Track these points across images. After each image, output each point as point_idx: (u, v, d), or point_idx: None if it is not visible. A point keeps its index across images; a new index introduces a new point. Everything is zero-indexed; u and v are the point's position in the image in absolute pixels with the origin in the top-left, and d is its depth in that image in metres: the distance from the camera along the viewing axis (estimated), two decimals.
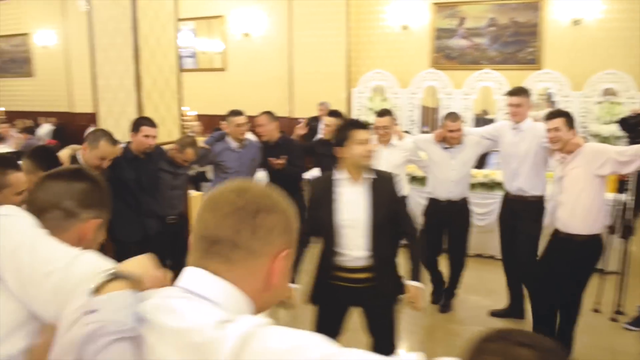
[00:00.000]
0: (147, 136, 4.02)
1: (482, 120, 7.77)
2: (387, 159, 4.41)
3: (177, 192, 4.48)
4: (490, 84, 7.95)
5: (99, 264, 1.18)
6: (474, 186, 5.74)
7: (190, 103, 8.05)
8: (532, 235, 4.21)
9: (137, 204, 4.02)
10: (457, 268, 4.62)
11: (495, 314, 4.45)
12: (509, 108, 4.27)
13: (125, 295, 0.94)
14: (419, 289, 2.90)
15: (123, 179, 3.91)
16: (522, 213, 4.23)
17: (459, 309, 4.63)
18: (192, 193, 5.94)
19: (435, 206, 4.56)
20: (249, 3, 9.85)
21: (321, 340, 0.84)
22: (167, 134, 4.95)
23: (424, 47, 8.60)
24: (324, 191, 2.90)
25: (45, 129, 9.47)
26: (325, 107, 7.64)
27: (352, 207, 2.85)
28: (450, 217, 4.50)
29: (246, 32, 9.92)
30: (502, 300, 4.51)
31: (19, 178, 2.37)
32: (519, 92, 4.26)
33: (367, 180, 2.90)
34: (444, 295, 4.68)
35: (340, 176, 2.90)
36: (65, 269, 1.18)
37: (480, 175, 5.87)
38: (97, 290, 0.96)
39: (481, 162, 6.40)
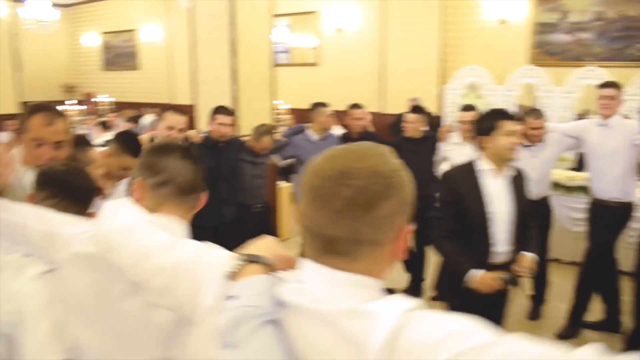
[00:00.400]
0: (221, 124, 4.15)
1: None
2: (470, 156, 4.33)
3: (259, 181, 4.59)
4: (594, 81, 7.49)
5: (221, 252, 1.16)
6: (571, 189, 5.46)
7: (284, 97, 8.25)
8: (605, 241, 3.98)
9: (214, 190, 4.17)
10: (540, 271, 4.41)
11: (588, 325, 4.21)
12: (600, 101, 4.06)
13: (263, 280, 0.93)
14: (533, 259, 2.81)
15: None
16: (605, 216, 4.00)
17: (549, 318, 4.42)
18: (282, 184, 6.09)
19: None
20: None
21: (478, 326, 0.79)
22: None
23: (522, 43, 8.25)
24: (468, 183, 2.75)
25: (148, 119, 10.01)
26: (416, 103, 7.54)
27: (497, 200, 2.73)
28: None
29: (339, 27, 9.99)
30: (596, 311, 4.26)
31: (96, 153, 2.64)
32: (612, 84, 4.07)
33: (509, 173, 2.80)
34: (532, 302, 4.49)
35: (484, 167, 2.78)
36: (194, 259, 1.13)
37: (579, 178, 5.56)
38: (233, 275, 0.96)
39: (581, 165, 6.07)
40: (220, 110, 4.24)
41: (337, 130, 6.05)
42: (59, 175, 1.71)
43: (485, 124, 2.78)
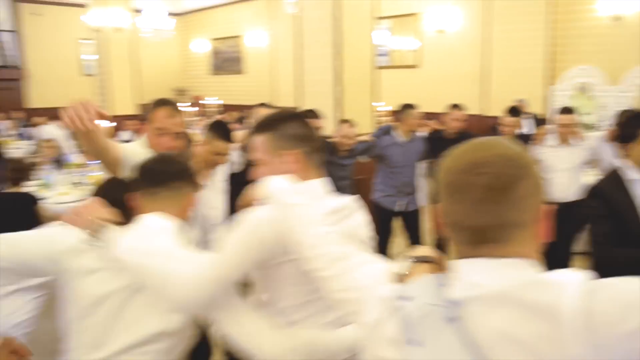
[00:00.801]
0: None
1: None
2: (566, 159, 4.20)
3: (344, 182, 4.64)
4: None
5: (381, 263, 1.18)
6: None
7: (384, 99, 8.30)
8: None
9: None
10: None
11: None
12: None
13: (435, 279, 0.96)
14: None
15: None
16: None
17: None
18: None
19: None
20: (445, 0, 9.80)
21: None
22: (360, 127, 5.19)
23: (638, 40, 7.75)
24: (621, 195, 2.56)
25: (252, 121, 10.46)
26: (522, 104, 7.32)
27: None
28: None
29: (441, 28, 9.89)
30: None
31: (196, 148, 2.90)
32: None
33: None
34: None
35: (633, 176, 2.56)
36: (357, 277, 1.14)
37: None
38: (404, 277, 1.00)
39: None
40: (309, 114, 4.35)
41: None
42: (148, 164, 1.69)
43: (630, 130, 2.58)
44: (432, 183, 5.11)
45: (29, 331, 1.63)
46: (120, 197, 1.67)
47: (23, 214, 3.99)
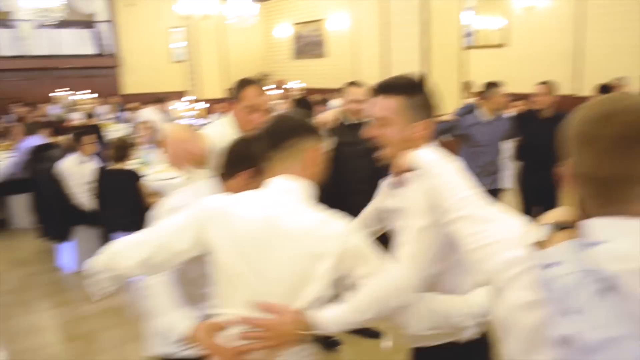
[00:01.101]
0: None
1: None
2: None
3: None
4: None
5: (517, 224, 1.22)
6: None
7: (472, 79, 8.13)
8: None
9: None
10: None
11: None
12: None
13: (576, 244, 0.91)
14: None
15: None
16: None
17: None
18: None
19: None
20: None
21: None
22: (448, 107, 5.13)
23: None
24: None
25: (335, 103, 10.51)
26: (621, 83, 6.94)
27: None
28: None
29: (530, 5, 9.51)
30: None
31: None
32: None
33: None
34: None
35: None
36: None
37: None
38: (543, 243, 0.96)
39: None
40: None
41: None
42: (263, 130, 1.65)
43: None
44: (518, 163, 4.97)
45: (180, 268, 1.68)
46: (249, 154, 1.72)
47: (128, 189, 4.29)
